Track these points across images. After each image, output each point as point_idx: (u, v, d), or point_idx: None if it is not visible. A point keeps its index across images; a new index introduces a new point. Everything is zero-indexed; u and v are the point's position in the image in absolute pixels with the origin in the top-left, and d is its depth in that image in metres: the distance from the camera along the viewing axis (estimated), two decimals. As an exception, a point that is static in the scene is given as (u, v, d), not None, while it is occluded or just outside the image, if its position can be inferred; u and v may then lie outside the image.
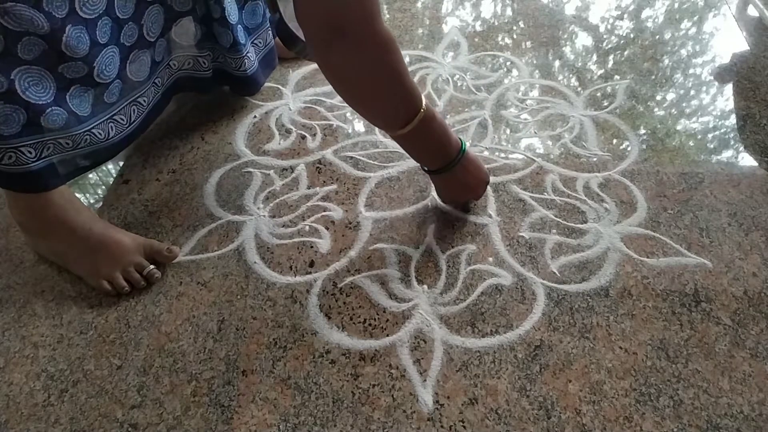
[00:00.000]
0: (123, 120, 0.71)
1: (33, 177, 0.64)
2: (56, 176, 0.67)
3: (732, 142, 0.86)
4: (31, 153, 0.62)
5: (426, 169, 0.71)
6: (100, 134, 0.67)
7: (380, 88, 0.60)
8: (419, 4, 1.21)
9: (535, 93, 0.96)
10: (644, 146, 0.85)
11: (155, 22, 0.69)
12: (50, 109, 0.60)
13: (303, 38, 0.60)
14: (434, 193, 0.78)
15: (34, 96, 0.58)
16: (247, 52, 0.83)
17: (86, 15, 0.58)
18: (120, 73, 0.67)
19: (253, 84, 0.89)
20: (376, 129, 0.89)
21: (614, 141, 0.87)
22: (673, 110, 0.92)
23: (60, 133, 0.63)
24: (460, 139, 0.68)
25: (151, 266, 0.70)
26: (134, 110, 0.73)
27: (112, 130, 0.70)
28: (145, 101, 0.75)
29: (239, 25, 0.79)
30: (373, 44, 0.56)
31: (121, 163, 0.87)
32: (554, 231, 0.74)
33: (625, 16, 1.16)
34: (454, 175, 0.68)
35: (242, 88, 0.91)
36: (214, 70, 0.84)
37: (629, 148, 0.85)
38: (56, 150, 0.64)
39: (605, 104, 0.93)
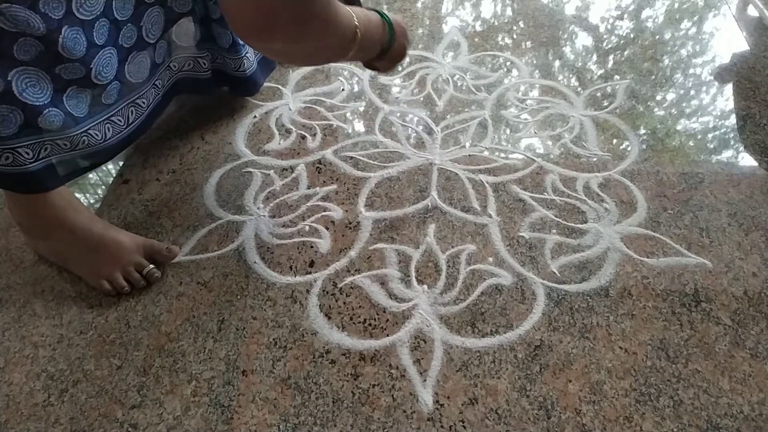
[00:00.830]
0: (121, 121, 0.71)
1: (31, 178, 0.63)
2: (55, 177, 0.67)
3: (732, 142, 0.86)
4: (28, 154, 0.62)
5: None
6: (96, 135, 0.67)
7: (323, 50, 0.60)
8: (419, 4, 1.21)
9: (535, 93, 0.96)
10: (644, 146, 0.85)
11: (155, 23, 0.69)
12: (47, 110, 0.60)
13: None
14: (434, 193, 0.78)
15: (31, 97, 0.58)
16: (246, 53, 0.83)
17: (83, 16, 0.58)
18: (118, 74, 0.66)
19: (252, 85, 0.89)
20: (377, 129, 0.89)
21: (614, 141, 0.86)
22: (673, 110, 0.92)
23: (57, 134, 0.63)
24: (381, 14, 0.65)
25: (151, 266, 0.70)
26: (133, 112, 0.73)
27: (109, 131, 0.69)
28: (144, 103, 0.74)
29: (239, 26, 0.79)
30: (314, 25, 0.53)
31: (121, 163, 0.87)
32: (554, 231, 0.74)
33: (625, 16, 1.16)
34: (392, 51, 0.68)
35: (241, 89, 0.91)
36: (213, 71, 0.84)
37: (629, 148, 0.85)
38: (54, 151, 0.64)
39: (605, 104, 0.93)
